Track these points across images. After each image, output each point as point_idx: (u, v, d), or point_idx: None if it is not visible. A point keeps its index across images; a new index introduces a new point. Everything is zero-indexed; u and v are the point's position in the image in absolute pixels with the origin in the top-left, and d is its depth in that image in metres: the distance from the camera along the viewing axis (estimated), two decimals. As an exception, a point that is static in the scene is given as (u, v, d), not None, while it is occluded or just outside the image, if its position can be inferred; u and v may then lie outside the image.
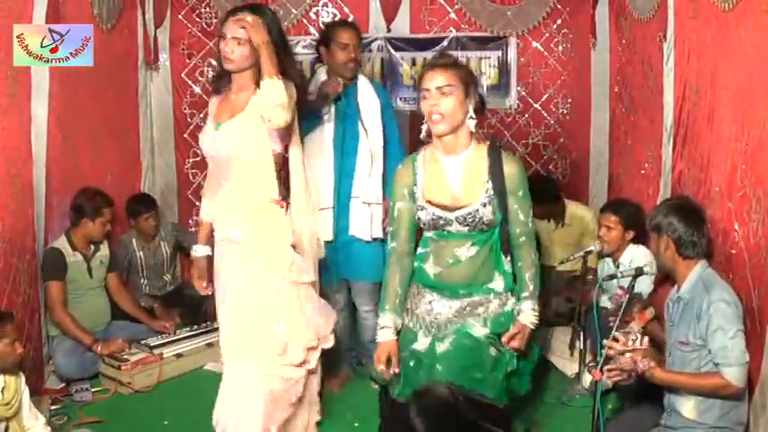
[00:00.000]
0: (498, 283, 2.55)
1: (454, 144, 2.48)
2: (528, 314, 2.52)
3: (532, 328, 2.54)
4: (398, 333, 2.59)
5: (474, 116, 2.46)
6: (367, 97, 3.50)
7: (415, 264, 2.61)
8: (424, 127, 2.50)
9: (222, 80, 2.89)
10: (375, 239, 3.52)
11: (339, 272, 3.52)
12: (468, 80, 2.45)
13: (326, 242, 3.31)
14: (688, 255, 2.61)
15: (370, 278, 3.47)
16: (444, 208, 2.48)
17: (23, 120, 3.35)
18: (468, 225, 2.47)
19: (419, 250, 2.61)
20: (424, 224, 2.53)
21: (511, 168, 2.48)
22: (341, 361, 3.70)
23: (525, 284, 2.55)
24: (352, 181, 3.46)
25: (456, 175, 2.50)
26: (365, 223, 3.46)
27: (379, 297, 2.96)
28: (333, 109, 3.44)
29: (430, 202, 2.50)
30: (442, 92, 2.39)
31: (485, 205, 2.45)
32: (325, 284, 3.34)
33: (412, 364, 2.53)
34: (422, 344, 2.54)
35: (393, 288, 2.60)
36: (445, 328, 2.52)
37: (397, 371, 2.52)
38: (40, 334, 3.51)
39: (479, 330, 2.50)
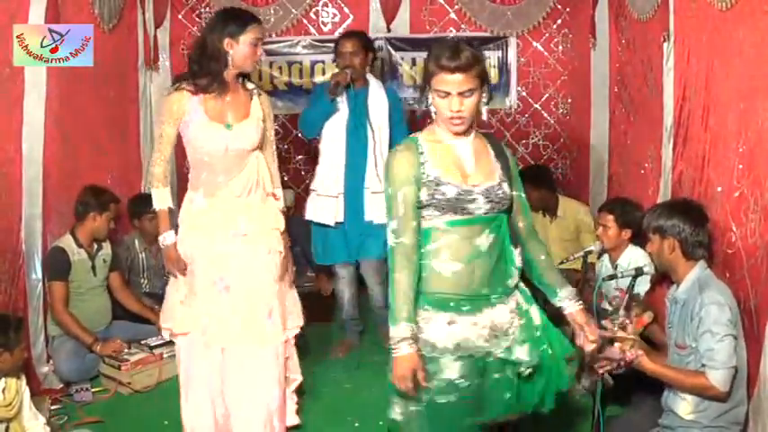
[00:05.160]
0: (513, 280, 2.25)
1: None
2: (578, 307, 2.29)
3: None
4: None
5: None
6: (376, 98, 3.90)
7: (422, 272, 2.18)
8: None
9: (216, 82, 2.85)
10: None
11: (349, 253, 3.97)
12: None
13: (337, 224, 3.87)
14: (693, 255, 2.61)
15: (376, 255, 3.91)
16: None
17: (13, 120, 3.34)
18: (491, 201, 2.18)
19: (425, 248, 2.18)
20: (443, 206, 2.15)
21: (510, 156, 2.31)
22: (347, 330, 4.20)
23: (557, 277, 2.32)
24: (363, 172, 3.85)
25: (468, 154, 2.23)
26: (377, 209, 3.76)
27: (383, 270, 3.57)
28: (346, 107, 3.83)
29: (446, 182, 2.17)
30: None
31: (500, 183, 2.21)
32: (336, 261, 4.01)
33: (448, 399, 2.18)
34: (453, 372, 2.18)
35: (404, 292, 2.13)
36: (484, 360, 2.21)
37: (425, 385, 2.13)
38: (27, 334, 3.47)
39: (524, 356, 2.22)
